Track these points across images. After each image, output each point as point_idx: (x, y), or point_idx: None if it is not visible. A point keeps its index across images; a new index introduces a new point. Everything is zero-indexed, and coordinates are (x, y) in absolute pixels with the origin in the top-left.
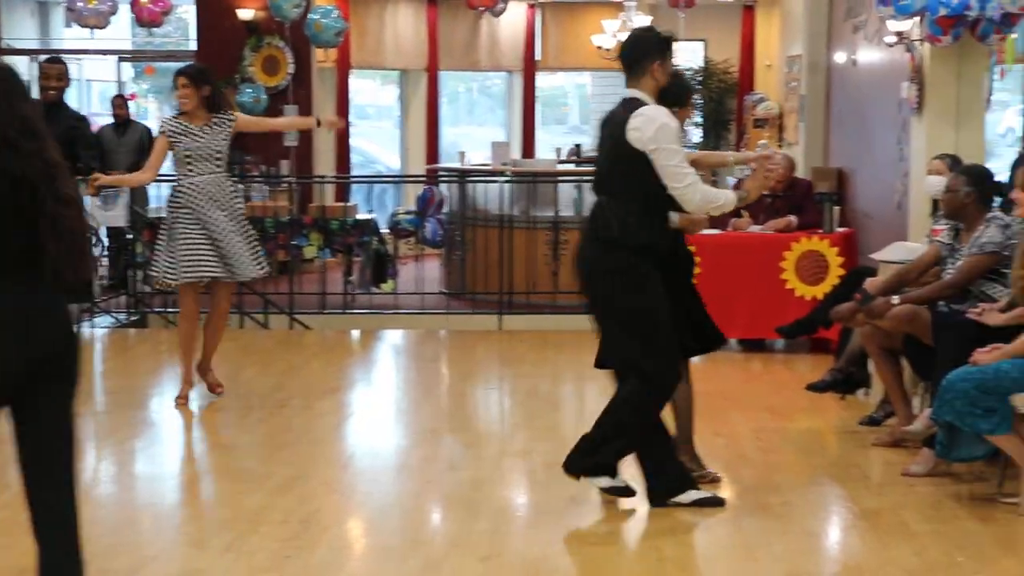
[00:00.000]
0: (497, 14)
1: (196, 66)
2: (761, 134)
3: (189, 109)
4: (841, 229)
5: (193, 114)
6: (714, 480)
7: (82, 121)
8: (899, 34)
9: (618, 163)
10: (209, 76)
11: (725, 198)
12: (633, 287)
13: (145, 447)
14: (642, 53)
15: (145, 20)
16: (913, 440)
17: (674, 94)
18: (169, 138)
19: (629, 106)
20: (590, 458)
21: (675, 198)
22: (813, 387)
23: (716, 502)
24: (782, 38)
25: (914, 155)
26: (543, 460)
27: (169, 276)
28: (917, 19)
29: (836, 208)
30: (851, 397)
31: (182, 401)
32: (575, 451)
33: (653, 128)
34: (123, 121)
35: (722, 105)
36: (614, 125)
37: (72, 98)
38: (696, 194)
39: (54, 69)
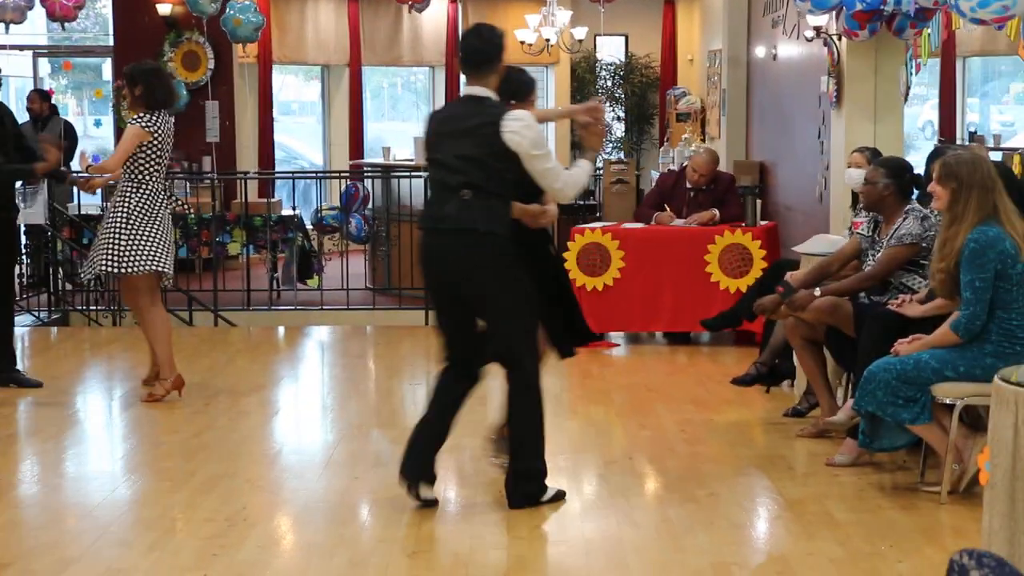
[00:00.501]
0: (421, 10)
1: (129, 65)
2: (684, 128)
3: (126, 108)
4: (763, 222)
5: (128, 111)
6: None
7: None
8: (817, 29)
9: (488, 160)
10: (141, 75)
11: (583, 172)
12: (512, 277)
13: (69, 446)
14: (491, 52)
15: (57, 15)
16: (837, 431)
17: (515, 89)
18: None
19: (492, 106)
20: (525, 481)
21: (551, 194)
22: (738, 381)
23: (561, 496)
24: (703, 32)
25: (834, 148)
26: (470, 455)
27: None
28: (834, 14)
29: (758, 201)
30: (776, 389)
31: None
32: (509, 483)
33: (532, 134)
34: (40, 117)
35: (644, 100)
36: (481, 125)
37: None
38: (569, 188)
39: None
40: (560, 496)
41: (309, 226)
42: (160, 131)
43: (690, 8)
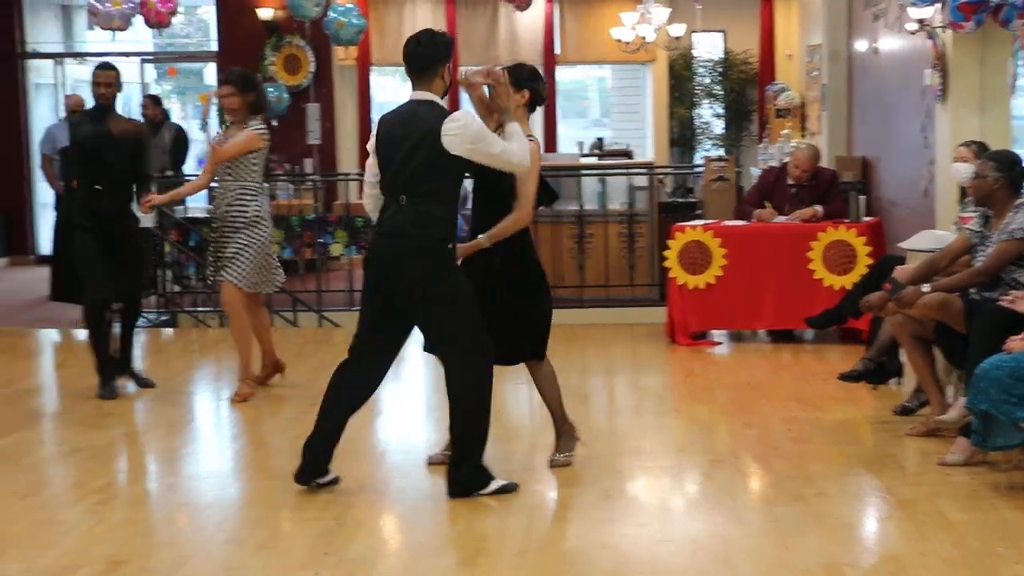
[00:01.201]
0: (524, 9)
1: (240, 71)
2: (783, 124)
3: (233, 115)
4: (867, 218)
5: (235, 120)
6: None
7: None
8: (920, 21)
9: (429, 165)
10: (254, 82)
11: (518, 132)
12: (453, 275)
13: (180, 446)
14: (433, 57)
15: (152, 21)
16: (948, 429)
17: (537, 92)
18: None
19: (433, 111)
20: (468, 472)
21: (515, 170)
22: (845, 376)
23: (512, 488)
24: (802, 27)
25: (939, 142)
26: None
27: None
28: (938, 6)
29: (861, 197)
30: (884, 387)
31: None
32: (452, 474)
33: (471, 132)
34: (153, 122)
35: (743, 96)
36: (424, 132)
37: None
38: (523, 155)
39: (104, 76)
40: (509, 489)
41: None
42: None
43: (788, 3)
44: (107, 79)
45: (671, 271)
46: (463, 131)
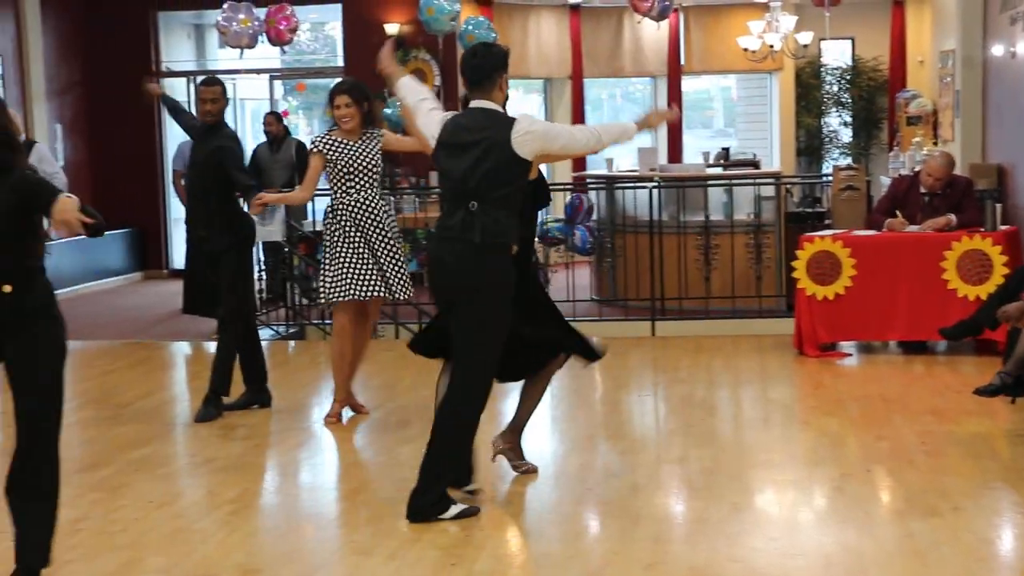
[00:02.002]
0: (660, 18)
1: (354, 82)
2: (915, 131)
3: (351, 127)
4: (1004, 227)
5: (351, 130)
6: (530, 471)
7: (233, 141)
8: None
9: (499, 171)
10: (368, 92)
11: (621, 129)
12: (508, 287)
13: (307, 457)
14: (492, 67)
15: (274, 39)
16: None
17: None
18: (324, 155)
19: (498, 119)
20: (431, 499)
21: (590, 152)
22: (982, 391)
23: (473, 512)
24: (934, 33)
25: None
26: (701, 466)
27: (332, 295)
28: None
29: (998, 205)
30: (1022, 400)
31: (332, 419)
32: (414, 499)
33: (540, 130)
34: (276, 138)
35: (872, 103)
36: (492, 139)
37: (228, 117)
38: (588, 143)
39: (209, 92)
40: (469, 513)
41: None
42: None
43: (920, 8)
44: (212, 95)
45: (799, 281)
46: (532, 132)
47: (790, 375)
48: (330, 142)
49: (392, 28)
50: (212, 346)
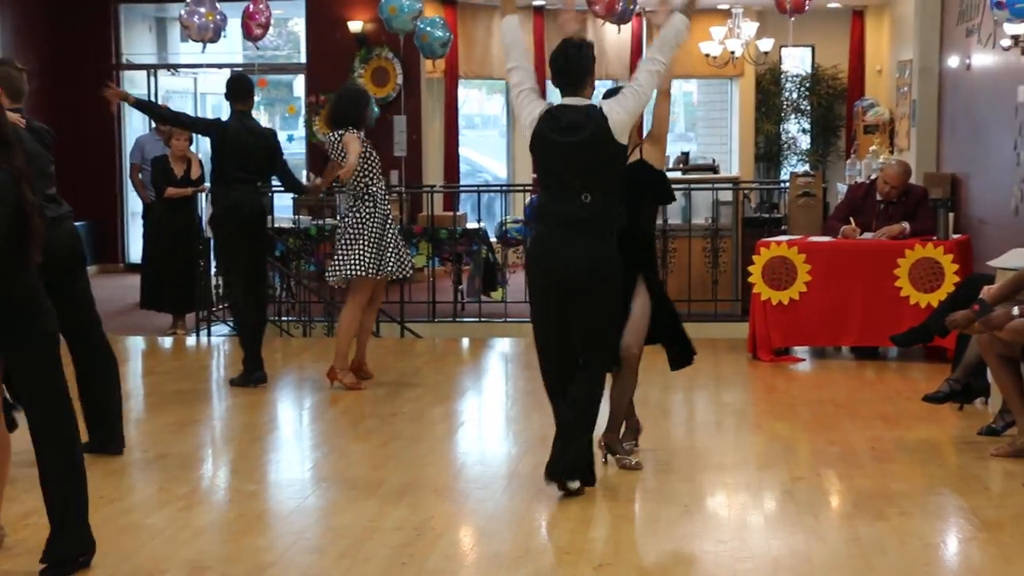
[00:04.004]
0: (621, 22)
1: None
2: (872, 140)
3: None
4: (956, 236)
5: None
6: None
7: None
8: (1015, 37)
9: (606, 158)
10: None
11: (674, 32)
12: (617, 275)
13: (260, 454)
14: (586, 67)
15: (251, 34)
16: None
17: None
18: (363, 144)
19: (593, 108)
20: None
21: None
22: (930, 398)
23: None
24: (892, 43)
25: None
26: (654, 468)
27: (369, 270)
28: None
29: (950, 214)
30: (969, 407)
31: (355, 384)
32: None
33: (619, 107)
34: None
35: (831, 111)
36: (594, 126)
37: (188, 111)
38: (652, 84)
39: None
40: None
41: (494, 239)
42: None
43: (879, 18)
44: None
45: (755, 286)
46: (618, 114)
47: (744, 379)
48: (362, 136)
49: (355, 25)
50: (167, 341)
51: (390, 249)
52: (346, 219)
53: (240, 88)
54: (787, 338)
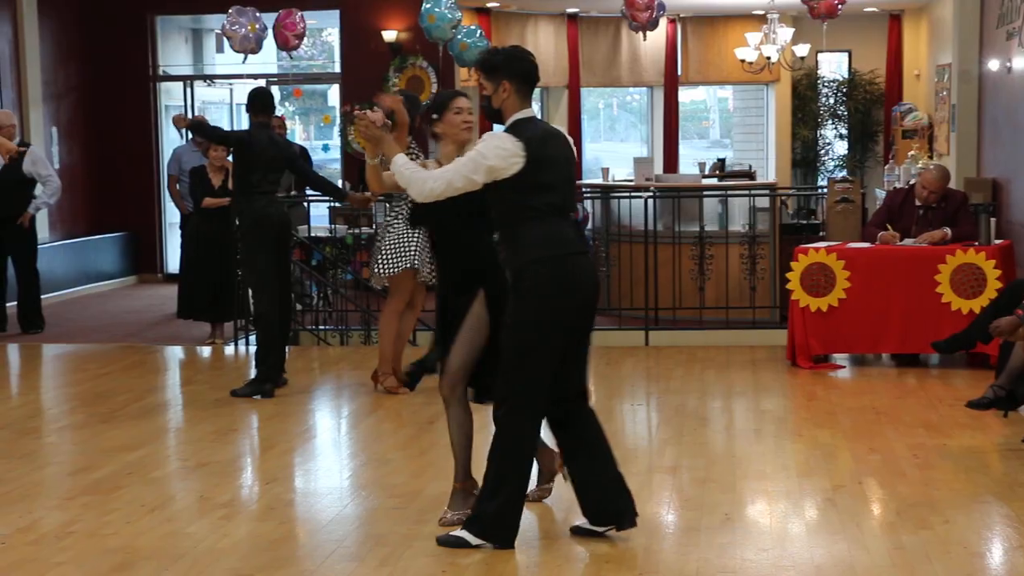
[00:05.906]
0: (652, 29)
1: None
2: (910, 145)
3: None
4: (998, 241)
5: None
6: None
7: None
8: None
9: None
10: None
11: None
12: None
13: (300, 463)
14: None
15: (283, 45)
16: None
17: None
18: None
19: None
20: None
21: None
22: (974, 404)
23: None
24: (931, 46)
25: None
26: (692, 476)
27: (413, 262)
28: None
29: (992, 219)
30: (1014, 414)
31: (395, 388)
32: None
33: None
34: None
35: (868, 116)
36: (567, 147)
37: (224, 122)
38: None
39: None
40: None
41: None
42: None
43: (917, 22)
44: (279, 122)
45: (793, 293)
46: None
47: (783, 387)
48: (410, 140)
49: (389, 35)
50: (206, 351)
51: (426, 252)
52: (387, 219)
53: (262, 101)
54: (826, 345)
